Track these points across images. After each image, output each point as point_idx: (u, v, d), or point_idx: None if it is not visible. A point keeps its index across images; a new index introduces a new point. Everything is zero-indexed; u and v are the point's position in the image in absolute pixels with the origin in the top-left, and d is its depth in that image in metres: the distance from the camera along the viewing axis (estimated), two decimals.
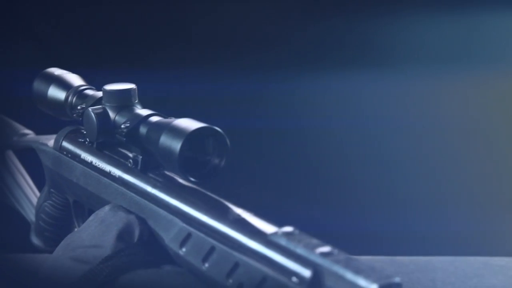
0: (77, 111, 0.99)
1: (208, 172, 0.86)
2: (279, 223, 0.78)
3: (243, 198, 0.85)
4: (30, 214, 1.21)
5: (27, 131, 1.21)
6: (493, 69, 1.39)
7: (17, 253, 1.23)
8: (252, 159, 1.12)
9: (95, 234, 0.90)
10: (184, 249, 0.83)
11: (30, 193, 1.23)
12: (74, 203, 1.06)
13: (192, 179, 0.85)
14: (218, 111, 0.90)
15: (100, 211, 0.93)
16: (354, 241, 0.74)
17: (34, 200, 1.22)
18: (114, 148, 0.98)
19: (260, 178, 1.17)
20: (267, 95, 1.23)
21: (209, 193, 0.86)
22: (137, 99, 0.95)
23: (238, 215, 0.81)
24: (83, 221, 1.06)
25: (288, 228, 0.76)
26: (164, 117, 0.91)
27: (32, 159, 1.23)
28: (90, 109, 0.95)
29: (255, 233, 0.77)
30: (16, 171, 1.26)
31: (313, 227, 0.78)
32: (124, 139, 0.91)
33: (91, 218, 0.94)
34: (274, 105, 1.23)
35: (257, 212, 0.80)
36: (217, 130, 0.85)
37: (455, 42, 1.39)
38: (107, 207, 0.93)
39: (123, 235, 0.88)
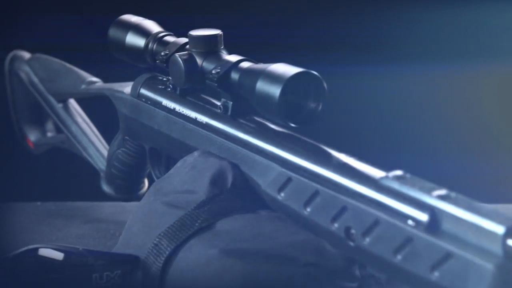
0: (160, 57, 0.98)
1: (305, 117, 0.85)
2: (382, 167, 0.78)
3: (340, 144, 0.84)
4: (99, 162, 1.21)
5: (94, 78, 1.21)
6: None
7: (89, 201, 1.24)
8: (342, 104, 1.11)
9: (187, 179, 0.90)
10: (282, 194, 0.83)
11: (97, 141, 1.23)
12: (150, 150, 1.06)
13: (292, 124, 0.84)
14: (294, 56, 0.89)
15: (188, 157, 0.93)
16: None
17: (101, 148, 1.22)
18: (197, 95, 0.98)
19: (353, 124, 1.17)
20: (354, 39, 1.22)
21: (305, 138, 0.86)
22: (222, 45, 0.95)
23: (341, 160, 0.81)
24: (159, 168, 1.07)
25: (398, 172, 0.75)
26: (255, 63, 0.90)
27: (97, 107, 1.23)
28: (177, 54, 0.94)
29: (363, 177, 0.77)
30: (81, 119, 1.26)
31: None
32: (216, 84, 0.90)
33: (179, 164, 0.93)
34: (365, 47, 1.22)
35: (360, 157, 0.80)
36: (315, 75, 0.84)
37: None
38: (196, 153, 0.93)
39: (216, 180, 0.88)
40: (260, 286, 0.78)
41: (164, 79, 1.02)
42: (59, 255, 0.86)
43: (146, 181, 1.17)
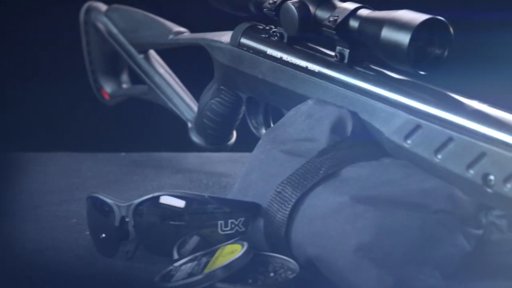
0: (268, 5, 0.97)
1: (431, 64, 0.85)
2: None
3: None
4: (185, 113, 1.21)
5: (182, 29, 1.20)
6: None
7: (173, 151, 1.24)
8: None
9: (304, 128, 0.90)
10: (409, 141, 0.83)
11: (181, 92, 1.23)
12: (248, 100, 1.06)
13: (420, 72, 0.84)
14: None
15: (302, 106, 0.93)
16: None
17: (187, 99, 1.22)
18: (304, 43, 0.97)
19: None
20: None
21: (430, 85, 0.85)
22: None
23: (475, 107, 0.80)
24: (256, 118, 1.07)
25: None
26: (372, 10, 0.89)
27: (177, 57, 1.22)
28: (289, 2, 0.94)
29: (503, 123, 0.76)
30: (163, 70, 1.25)
31: None
32: (334, 32, 0.90)
33: (292, 112, 0.93)
34: None
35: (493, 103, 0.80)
36: (443, 21, 0.84)
37: None
38: (310, 102, 0.92)
39: (336, 128, 0.88)
40: (392, 232, 0.78)
41: (267, 28, 1.02)
42: (180, 203, 0.86)
43: (234, 132, 1.17)
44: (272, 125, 1.06)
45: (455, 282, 0.80)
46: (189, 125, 1.19)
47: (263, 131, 1.06)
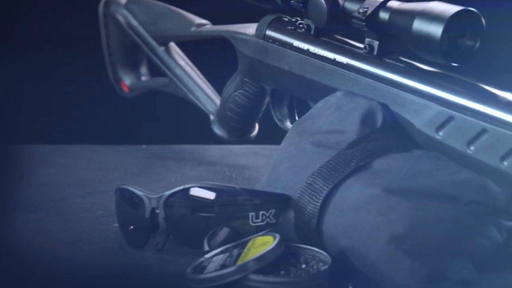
0: None
1: (463, 55, 0.85)
2: None
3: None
4: (207, 105, 1.20)
5: (204, 21, 1.20)
6: None
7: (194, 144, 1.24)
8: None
9: (333, 119, 0.90)
10: (441, 133, 0.83)
11: (203, 84, 1.23)
12: (272, 92, 1.06)
13: (453, 63, 0.84)
14: None
15: (331, 98, 0.93)
16: None
17: (208, 91, 1.22)
18: (331, 35, 0.97)
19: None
20: None
21: (461, 77, 0.85)
22: None
23: (507, 98, 0.80)
24: (281, 110, 1.06)
25: None
26: (403, 1, 0.89)
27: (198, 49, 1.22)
28: None
29: None
30: (184, 62, 1.25)
31: None
32: (364, 24, 0.90)
33: (320, 104, 0.93)
34: None
35: None
36: (475, 12, 0.84)
37: None
38: (339, 93, 0.92)
39: (366, 120, 0.88)
40: (425, 224, 0.78)
41: (293, 19, 1.01)
42: (210, 195, 0.86)
43: (257, 125, 1.17)
44: (296, 117, 1.06)
45: (487, 273, 0.80)
46: (211, 117, 1.19)
47: (288, 123, 1.06)
